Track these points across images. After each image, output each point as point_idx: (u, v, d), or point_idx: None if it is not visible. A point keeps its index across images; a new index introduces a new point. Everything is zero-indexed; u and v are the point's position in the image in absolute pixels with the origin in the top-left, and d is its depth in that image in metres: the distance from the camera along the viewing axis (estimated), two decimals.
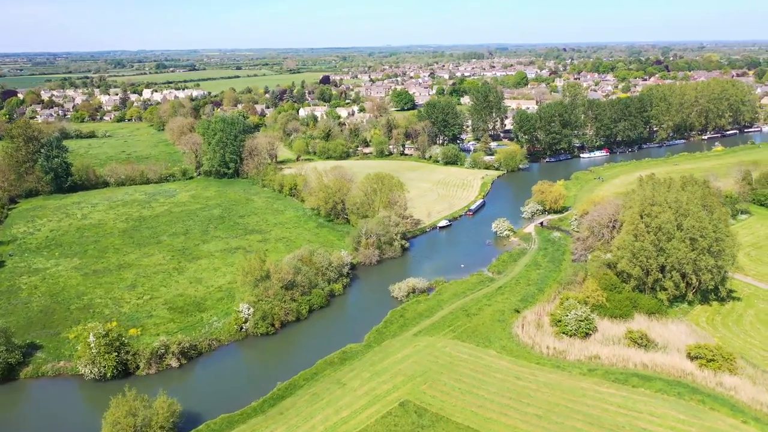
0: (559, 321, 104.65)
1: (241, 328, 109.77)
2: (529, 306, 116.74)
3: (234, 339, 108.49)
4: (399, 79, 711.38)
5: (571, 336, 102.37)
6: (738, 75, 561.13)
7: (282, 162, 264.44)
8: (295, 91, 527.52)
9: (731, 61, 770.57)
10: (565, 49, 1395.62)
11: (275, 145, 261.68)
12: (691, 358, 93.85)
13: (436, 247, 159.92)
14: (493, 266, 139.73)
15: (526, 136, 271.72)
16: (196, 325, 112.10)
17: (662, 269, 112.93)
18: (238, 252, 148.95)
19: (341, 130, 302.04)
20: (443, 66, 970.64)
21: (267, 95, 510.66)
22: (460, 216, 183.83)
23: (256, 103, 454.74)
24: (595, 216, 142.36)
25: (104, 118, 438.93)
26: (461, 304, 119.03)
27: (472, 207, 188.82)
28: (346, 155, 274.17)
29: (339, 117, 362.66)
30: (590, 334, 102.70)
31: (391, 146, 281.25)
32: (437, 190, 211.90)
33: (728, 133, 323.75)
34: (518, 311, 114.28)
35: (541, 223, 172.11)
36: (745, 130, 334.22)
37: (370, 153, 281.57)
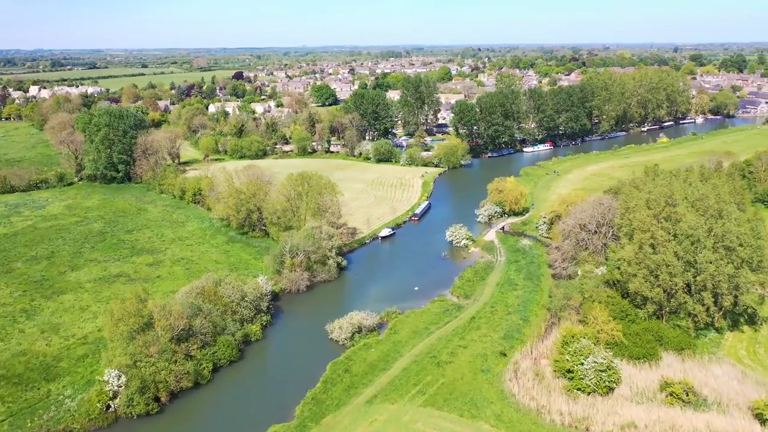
0: (570, 371, 75.18)
1: (108, 406, 73.25)
2: (518, 345, 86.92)
3: (96, 426, 71.65)
4: (318, 75, 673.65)
5: (589, 393, 73.14)
6: None
7: (186, 163, 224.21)
8: (204, 87, 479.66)
9: (642, 59, 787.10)
10: (480, 49, 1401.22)
11: (177, 143, 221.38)
12: (762, 420, 66.94)
13: (381, 263, 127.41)
14: (457, 288, 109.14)
15: (466, 129, 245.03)
16: (37, 405, 74.27)
17: (688, 289, 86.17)
18: (118, 281, 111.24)
19: (256, 126, 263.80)
20: (362, 64, 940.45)
21: (173, 91, 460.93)
22: (405, 222, 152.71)
23: (160, 99, 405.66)
24: (575, 219, 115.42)
25: None
26: (426, 346, 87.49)
27: (417, 211, 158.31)
28: (262, 153, 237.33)
29: (254, 112, 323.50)
30: (614, 388, 73.94)
31: (314, 143, 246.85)
32: (373, 192, 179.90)
33: (666, 124, 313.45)
34: (505, 354, 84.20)
35: (503, 228, 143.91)
36: (680, 122, 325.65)
37: (291, 151, 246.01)
